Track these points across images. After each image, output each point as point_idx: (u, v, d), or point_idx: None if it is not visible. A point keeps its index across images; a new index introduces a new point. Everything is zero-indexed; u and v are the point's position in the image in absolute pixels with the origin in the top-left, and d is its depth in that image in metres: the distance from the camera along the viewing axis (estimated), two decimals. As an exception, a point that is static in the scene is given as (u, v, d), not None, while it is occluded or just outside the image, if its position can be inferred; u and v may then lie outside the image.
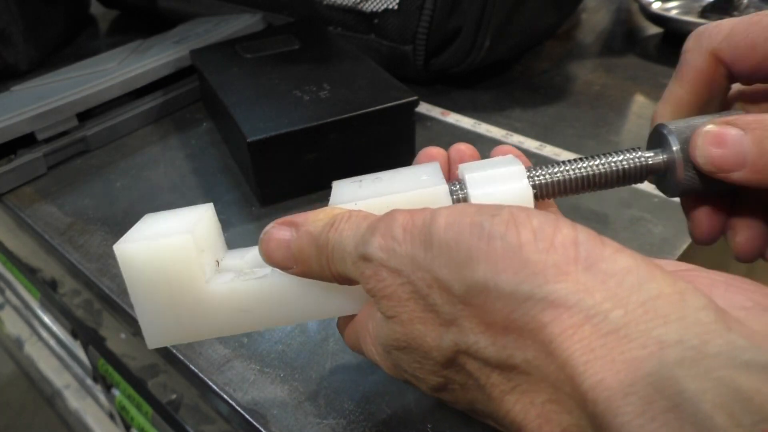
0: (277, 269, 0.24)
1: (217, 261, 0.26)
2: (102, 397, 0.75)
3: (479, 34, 0.52)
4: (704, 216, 0.25)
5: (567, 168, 0.24)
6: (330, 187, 0.44)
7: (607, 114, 0.52)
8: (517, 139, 0.49)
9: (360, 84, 0.46)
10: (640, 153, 0.24)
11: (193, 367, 0.32)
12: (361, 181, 0.26)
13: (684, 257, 0.37)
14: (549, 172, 0.24)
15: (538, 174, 0.24)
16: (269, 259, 0.24)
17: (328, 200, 0.25)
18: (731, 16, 0.59)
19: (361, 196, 0.24)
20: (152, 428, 0.53)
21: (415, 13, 0.53)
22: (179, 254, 0.24)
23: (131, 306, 0.36)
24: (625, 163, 0.24)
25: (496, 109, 0.54)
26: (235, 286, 0.24)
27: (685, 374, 0.14)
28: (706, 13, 0.61)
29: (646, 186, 0.42)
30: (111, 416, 0.76)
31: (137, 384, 0.52)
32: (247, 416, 0.29)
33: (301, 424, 0.28)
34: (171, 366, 0.34)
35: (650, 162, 0.24)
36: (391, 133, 0.44)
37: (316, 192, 0.44)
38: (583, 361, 0.16)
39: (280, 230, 0.24)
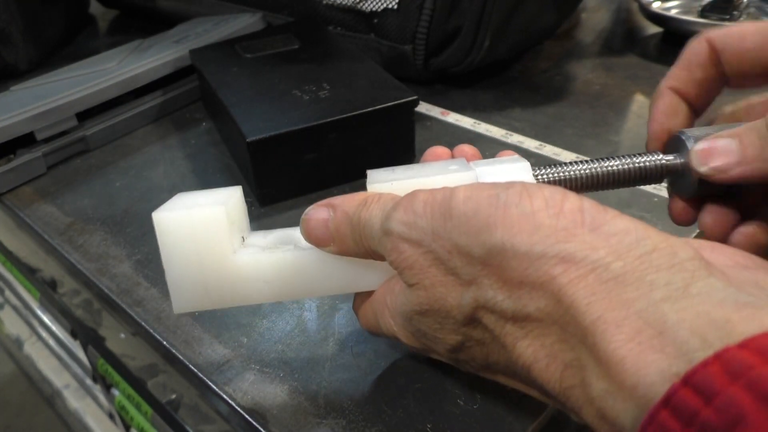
0: (299, 246, 0.26)
1: (243, 237, 0.28)
2: (101, 397, 0.75)
3: (479, 33, 0.52)
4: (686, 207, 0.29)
5: (574, 167, 0.26)
6: (330, 187, 0.45)
7: (607, 114, 0.52)
8: (516, 138, 0.49)
9: (360, 84, 0.46)
10: (658, 155, 0.27)
11: (192, 367, 0.32)
12: (394, 169, 0.28)
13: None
14: (554, 170, 0.27)
15: (543, 171, 0.26)
16: (309, 237, 0.26)
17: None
18: (731, 15, 0.59)
19: (396, 178, 0.26)
20: (152, 428, 0.53)
21: (414, 13, 0.53)
22: (212, 224, 0.26)
23: (131, 305, 0.36)
24: (645, 162, 0.26)
25: (495, 108, 0.54)
26: (259, 257, 0.26)
27: (669, 308, 0.17)
28: (706, 12, 0.61)
29: (647, 186, 0.42)
30: (110, 416, 0.76)
31: (137, 384, 0.51)
32: (247, 416, 0.29)
33: (301, 424, 0.28)
34: (170, 366, 0.34)
35: (667, 163, 0.26)
36: (390, 133, 0.44)
37: (316, 192, 0.44)
38: (586, 302, 0.18)
39: (319, 210, 0.26)
